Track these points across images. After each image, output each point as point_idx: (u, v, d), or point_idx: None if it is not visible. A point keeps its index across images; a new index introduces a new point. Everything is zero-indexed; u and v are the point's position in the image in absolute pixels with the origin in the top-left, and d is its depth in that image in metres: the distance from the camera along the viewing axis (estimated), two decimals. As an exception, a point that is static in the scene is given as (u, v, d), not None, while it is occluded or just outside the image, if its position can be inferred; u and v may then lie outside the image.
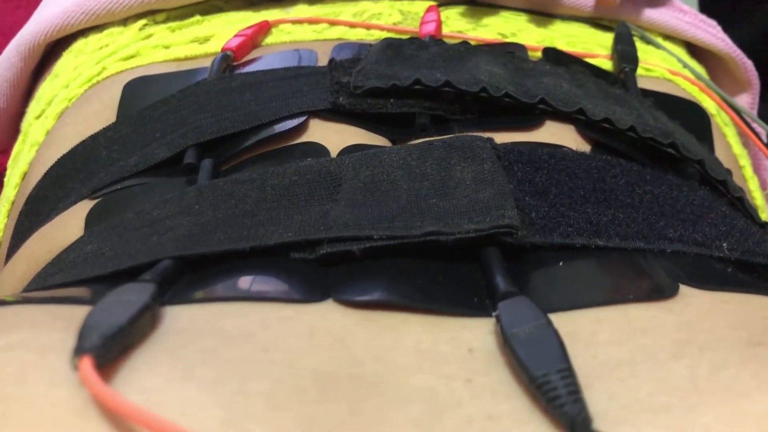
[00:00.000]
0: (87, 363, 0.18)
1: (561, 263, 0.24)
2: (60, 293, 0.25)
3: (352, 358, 0.20)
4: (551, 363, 0.19)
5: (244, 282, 0.23)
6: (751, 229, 0.29)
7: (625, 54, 0.41)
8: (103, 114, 0.37)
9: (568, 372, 0.19)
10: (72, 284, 0.26)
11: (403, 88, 0.32)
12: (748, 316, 0.22)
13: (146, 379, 0.19)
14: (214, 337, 0.20)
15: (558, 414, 0.18)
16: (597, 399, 0.19)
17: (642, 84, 0.39)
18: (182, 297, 0.22)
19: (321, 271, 0.23)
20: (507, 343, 0.20)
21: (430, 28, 0.39)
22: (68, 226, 0.32)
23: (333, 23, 0.41)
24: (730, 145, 0.44)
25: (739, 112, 0.44)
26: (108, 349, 0.19)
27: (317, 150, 0.30)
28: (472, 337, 0.21)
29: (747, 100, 0.50)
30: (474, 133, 0.29)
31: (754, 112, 0.50)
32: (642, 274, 0.24)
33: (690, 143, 0.34)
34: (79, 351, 0.18)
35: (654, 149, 0.32)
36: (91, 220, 0.31)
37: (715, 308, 0.23)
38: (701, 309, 0.22)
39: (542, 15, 0.46)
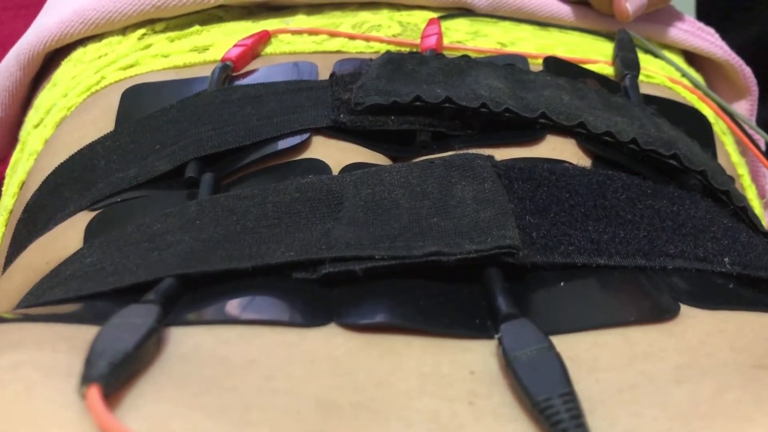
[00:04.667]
0: (94, 392, 0.18)
1: (562, 283, 0.24)
2: (62, 310, 0.25)
3: (355, 384, 0.20)
4: (554, 387, 0.19)
5: (247, 306, 0.23)
6: (754, 242, 0.29)
7: (626, 61, 0.41)
8: (101, 122, 0.37)
9: (570, 396, 0.19)
10: (72, 300, 0.26)
11: (404, 105, 0.32)
12: (749, 338, 0.22)
13: (152, 407, 0.19)
14: (217, 364, 0.20)
15: None
16: (599, 424, 0.19)
17: (643, 90, 0.39)
18: (185, 318, 0.22)
19: (323, 293, 0.23)
20: (509, 366, 0.20)
21: (431, 41, 0.39)
22: (67, 237, 0.32)
23: (333, 34, 0.41)
24: (729, 153, 0.44)
25: (738, 120, 0.44)
26: (115, 378, 0.19)
27: (319, 167, 0.30)
28: (474, 360, 0.21)
29: (746, 107, 0.50)
30: (474, 150, 0.29)
31: (753, 119, 0.50)
32: (643, 294, 0.24)
33: (693, 152, 0.34)
34: (86, 380, 0.18)
35: (656, 160, 0.32)
36: (90, 232, 0.31)
37: (716, 330, 0.23)
38: (702, 331, 0.22)
39: (541, 24, 0.46)
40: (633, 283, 0.25)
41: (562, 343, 0.21)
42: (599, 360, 0.21)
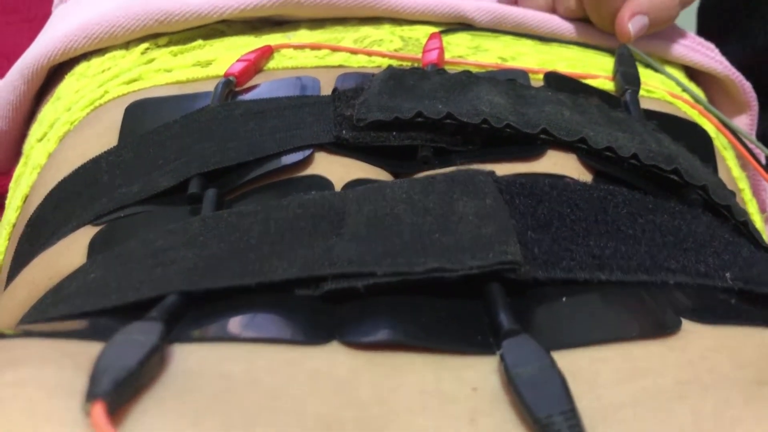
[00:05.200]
0: (99, 409, 0.18)
1: (564, 299, 0.24)
2: (65, 327, 0.25)
3: (357, 402, 0.20)
4: (555, 404, 0.19)
5: (249, 323, 0.23)
6: (756, 257, 0.29)
7: (627, 76, 0.41)
8: (104, 137, 0.38)
9: (572, 414, 0.19)
10: (76, 316, 0.26)
11: (406, 121, 0.32)
12: (752, 354, 0.22)
13: (155, 424, 0.19)
14: (221, 382, 0.20)
15: None
16: None
17: (644, 105, 0.39)
18: (188, 335, 0.22)
19: (325, 310, 0.23)
20: (511, 383, 0.20)
21: (432, 56, 0.39)
22: (70, 252, 0.32)
23: (335, 49, 0.41)
24: (730, 168, 0.44)
25: (738, 135, 0.44)
26: (119, 395, 0.19)
27: (321, 183, 0.31)
28: (476, 377, 0.21)
29: (746, 122, 0.50)
30: (476, 166, 0.29)
31: (753, 134, 0.50)
32: (645, 309, 0.25)
33: (694, 167, 0.34)
34: (91, 396, 0.18)
35: (657, 175, 0.32)
36: (93, 247, 0.31)
37: (718, 346, 0.23)
38: (704, 347, 0.22)
39: (542, 39, 0.46)
40: (634, 299, 0.25)
41: (564, 358, 0.21)
42: (600, 376, 0.21)
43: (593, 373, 0.21)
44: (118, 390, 0.19)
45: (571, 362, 0.21)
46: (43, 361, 0.21)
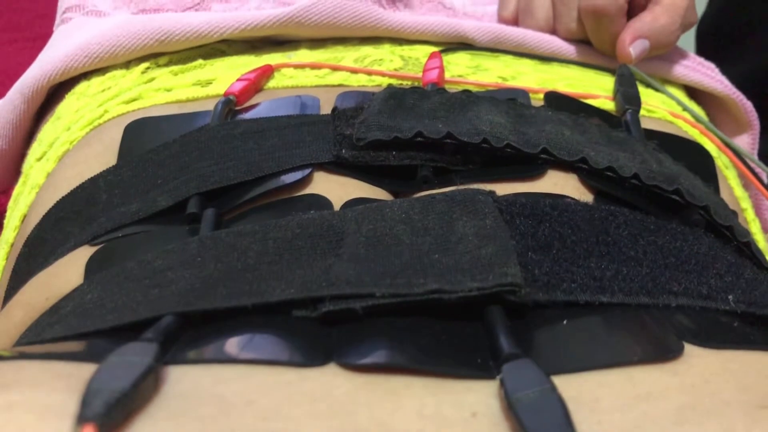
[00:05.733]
0: None
1: (565, 321, 0.24)
2: (60, 348, 0.25)
3: (355, 425, 0.20)
4: (556, 430, 0.19)
5: (246, 345, 0.23)
6: (758, 279, 0.28)
7: (627, 95, 0.41)
8: (103, 156, 0.37)
9: None
10: (71, 338, 0.26)
11: (405, 140, 0.32)
12: (754, 378, 0.22)
13: None
14: (214, 403, 0.20)
15: None
16: None
17: (644, 125, 0.39)
18: (184, 356, 0.22)
19: (323, 331, 0.23)
20: (511, 408, 0.20)
21: (432, 75, 0.39)
22: (68, 273, 0.32)
23: (335, 68, 0.41)
24: (732, 187, 0.44)
25: (740, 154, 0.44)
26: (111, 417, 0.18)
27: (320, 202, 0.30)
28: (476, 401, 0.21)
29: (747, 141, 0.50)
30: (476, 186, 0.29)
31: (755, 153, 0.50)
32: (647, 333, 0.24)
33: (695, 186, 0.33)
34: (82, 419, 0.18)
35: (658, 196, 0.32)
36: (91, 267, 0.31)
37: (720, 370, 0.22)
38: (706, 371, 0.22)
39: (542, 59, 0.46)
40: (636, 322, 0.25)
41: (565, 383, 0.21)
42: (602, 401, 0.21)
43: (594, 398, 0.21)
44: (110, 413, 0.18)
45: (572, 387, 0.21)
46: (34, 384, 0.20)
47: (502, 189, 0.30)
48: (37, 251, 0.36)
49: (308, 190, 0.31)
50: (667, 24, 0.45)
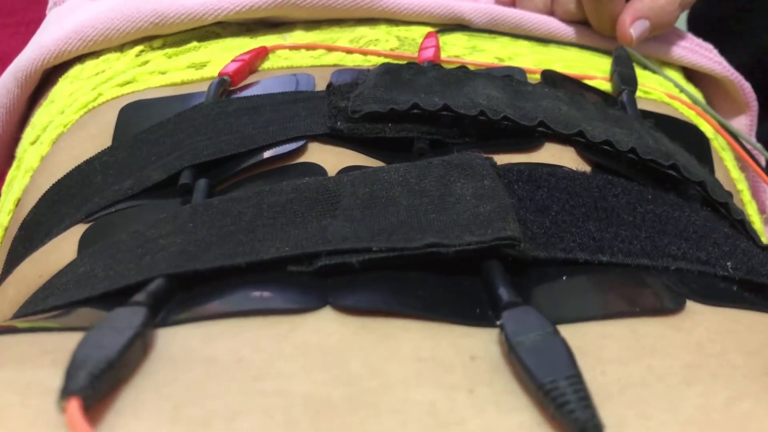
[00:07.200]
0: (74, 406, 0.17)
1: (564, 277, 0.24)
2: (50, 320, 0.24)
3: (348, 376, 0.19)
4: (559, 370, 0.18)
5: (238, 298, 0.22)
6: (754, 250, 0.28)
7: (624, 76, 0.41)
8: (98, 138, 0.37)
9: (577, 378, 0.18)
10: (63, 307, 0.25)
11: (401, 113, 0.32)
12: (760, 341, 0.22)
13: (133, 423, 0.18)
14: (203, 366, 0.20)
15: (568, 420, 0.17)
16: (606, 422, 0.18)
17: (641, 105, 0.39)
18: (175, 317, 0.22)
19: (318, 282, 0.23)
20: (512, 351, 0.19)
21: (428, 53, 0.39)
22: (61, 249, 0.31)
23: (330, 49, 0.41)
24: (728, 169, 0.44)
25: (737, 136, 0.44)
26: (96, 389, 0.18)
27: (315, 170, 0.30)
28: (475, 345, 0.20)
29: (745, 122, 0.50)
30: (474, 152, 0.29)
31: (753, 135, 0.50)
32: (648, 288, 0.24)
33: (691, 165, 0.33)
34: (66, 393, 0.18)
35: (655, 171, 0.32)
36: (84, 242, 0.31)
37: (725, 329, 0.22)
38: (711, 329, 0.22)
39: (539, 41, 0.46)
40: (636, 279, 0.24)
41: (566, 332, 0.20)
42: (605, 351, 0.21)
43: (598, 347, 0.21)
44: (95, 384, 0.18)
45: (574, 336, 0.20)
46: (20, 360, 0.20)
47: (500, 160, 0.30)
48: (32, 234, 0.36)
49: (302, 160, 0.31)
50: (666, 3, 0.44)
